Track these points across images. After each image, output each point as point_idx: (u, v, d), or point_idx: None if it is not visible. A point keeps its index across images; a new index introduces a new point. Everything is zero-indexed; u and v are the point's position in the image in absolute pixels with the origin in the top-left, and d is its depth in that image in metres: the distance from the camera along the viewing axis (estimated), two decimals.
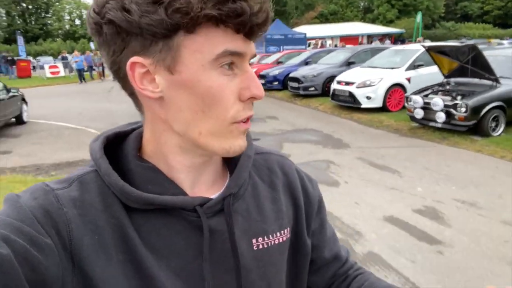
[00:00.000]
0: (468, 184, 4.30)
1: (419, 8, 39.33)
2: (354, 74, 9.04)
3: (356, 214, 3.70)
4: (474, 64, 6.37)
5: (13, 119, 8.78)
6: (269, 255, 0.59)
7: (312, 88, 10.66)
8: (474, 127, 6.03)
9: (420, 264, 2.86)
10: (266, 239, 0.59)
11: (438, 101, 6.21)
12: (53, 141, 7.14)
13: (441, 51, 6.72)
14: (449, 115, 6.15)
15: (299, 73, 11.16)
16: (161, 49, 0.46)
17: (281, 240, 0.61)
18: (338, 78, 9.20)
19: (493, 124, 6.11)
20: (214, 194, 0.57)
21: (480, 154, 5.44)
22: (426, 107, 6.49)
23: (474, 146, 5.73)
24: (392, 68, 8.65)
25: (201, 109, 0.48)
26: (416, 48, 8.75)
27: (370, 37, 35.26)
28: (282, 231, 0.61)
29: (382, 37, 34.80)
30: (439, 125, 6.35)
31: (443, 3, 43.62)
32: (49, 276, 0.43)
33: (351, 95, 8.59)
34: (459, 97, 6.14)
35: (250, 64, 0.51)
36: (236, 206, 0.57)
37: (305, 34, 23.36)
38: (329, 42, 29.94)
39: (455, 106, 6.05)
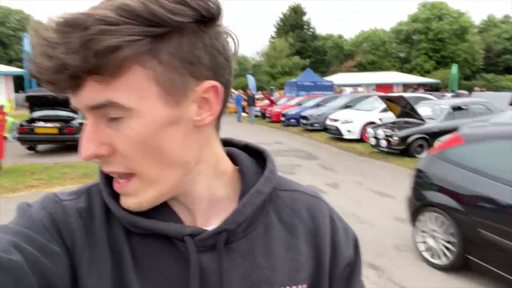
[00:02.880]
0: (377, 180, 7.37)
1: (457, 60, 41.71)
2: (342, 114, 12.33)
3: None
4: (410, 109, 9.45)
5: None
6: None
7: (317, 124, 13.98)
8: (405, 150, 8.99)
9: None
10: None
11: (380, 133, 9.32)
12: None
13: (388, 99, 9.89)
14: (388, 142, 9.20)
15: (308, 112, 14.62)
16: None
17: None
18: (330, 116, 12.53)
19: (419, 149, 9.04)
20: (212, 226, 0.52)
21: (396, 165, 8.43)
22: (376, 137, 9.58)
23: (398, 161, 8.72)
24: (370, 111, 11.83)
25: None
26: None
27: (405, 86, 38.05)
28: (295, 287, 0.53)
29: (418, 86, 37.46)
30: (384, 149, 9.38)
31: (481, 56, 45.56)
32: (57, 283, 0.45)
33: (337, 129, 11.84)
34: (396, 130, 9.20)
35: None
36: (236, 245, 0.52)
37: (332, 82, 27.02)
38: (360, 89, 33.11)
39: (391, 136, 9.11)
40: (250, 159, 0.60)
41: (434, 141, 7.30)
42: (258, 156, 0.62)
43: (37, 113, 10.35)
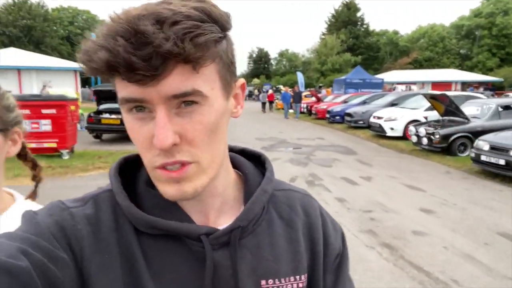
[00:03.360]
0: (411, 176, 7.62)
1: None
2: (386, 112, 12.43)
3: (335, 180, 7.42)
4: (455, 108, 9.44)
5: None
6: None
7: (361, 122, 14.14)
8: (447, 149, 9.03)
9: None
10: (277, 282, 0.56)
11: (422, 130, 9.42)
12: None
13: (433, 97, 9.92)
14: (430, 139, 9.28)
15: (352, 110, 14.82)
16: None
17: (295, 286, 0.57)
18: (374, 114, 12.68)
19: (462, 148, 9.03)
20: (223, 225, 0.56)
21: (435, 163, 8.54)
22: (417, 135, 9.69)
23: (438, 159, 8.80)
24: (415, 109, 11.84)
25: (137, 149, 0.51)
26: None
27: (464, 84, 36.20)
28: (298, 276, 0.58)
29: (478, 84, 35.49)
30: (425, 147, 9.47)
31: None
32: None
33: (380, 126, 11.99)
34: (438, 128, 9.25)
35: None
36: (245, 241, 0.56)
37: (383, 79, 26.59)
38: (414, 87, 32.10)
39: (433, 134, 9.18)
40: (249, 162, 0.64)
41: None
42: (255, 160, 0.66)
43: (103, 106, 11.68)
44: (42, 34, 43.05)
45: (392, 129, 11.70)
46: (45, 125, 8.04)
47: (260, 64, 60.18)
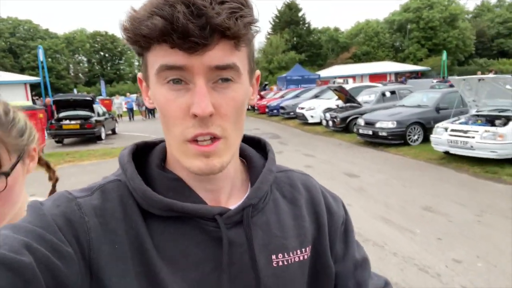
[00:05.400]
0: (312, 148, 10.32)
1: (448, 47, 44.02)
2: (307, 103, 15.33)
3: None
4: (350, 96, 12.36)
5: (110, 131, 16.05)
6: (289, 273, 0.60)
7: (292, 113, 16.91)
8: (346, 128, 11.89)
9: None
10: (286, 255, 0.60)
11: (328, 115, 12.29)
12: (133, 140, 14.15)
13: (336, 89, 12.82)
14: (334, 122, 12.12)
15: (285, 103, 17.62)
16: (142, 65, 0.55)
17: (301, 258, 0.62)
18: (299, 105, 15.51)
19: (356, 127, 11.95)
20: (233, 205, 0.59)
21: (336, 139, 11.39)
22: (326, 119, 12.51)
23: (339, 136, 11.66)
24: (330, 99, 14.75)
25: (164, 123, 0.53)
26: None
27: (397, 75, 40.55)
28: (303, 249, 0.63)
29: (409, 74, 39.92)
30: (331, 128, 12.31)
31: (473, 41, 47.71)
32: (69, 285, 0.46)
33: (303, 115, 14.84)
34: (339, 113, 12.11)
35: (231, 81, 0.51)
36: (255, 219, 0.59)
37: (319, 75, 29.93)
38: (350, 81, 35.77)
39: (335, 117, 12.03)
40: (249, 147, 0.68)
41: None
42: (254, 145, 0.70)
43: (62, 114, 13.53)
44: None
45: (312, 116, 14.54)
46: None
47: None
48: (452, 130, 7.44)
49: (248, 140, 0.70)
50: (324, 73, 38.92)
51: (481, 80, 7.46)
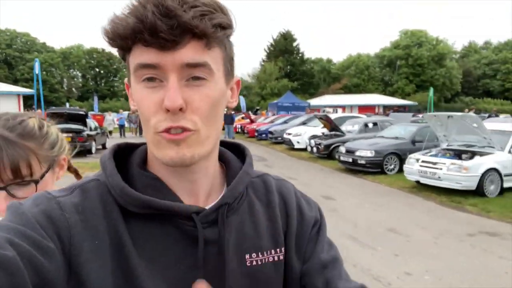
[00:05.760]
0: (295, 171, 10.84)
1: (436, 84, 45.71)
2: (294, 129, 16.00)
3: None
4: (335, 126, 13.02)
5: (101, 146, 16.40)
6: (264, 273, 0.62)
7: (280, 138, 17.52)
8: (329, 155, 12.48)
9: None
10: (260, 255, 0.62)
11: (312, 142, 12.90)
12: None
13: (321, 118, 13.50)
14: (318, 149, 12.72)
15: (273, 128, 18.27)
16: (127, 70, 0.57)
17: (276, 259, 0.64)
18: (286, 131, 16.16)
19: (338, 154, 12.56)
20: (209, 205, 0.61)
21: (317, 164, 11.94)
22: (311, 145, 13.11)
23: (321, 162, 12.22)
24: (316, 126, 15.42)
25: (142, 121, 0.56)
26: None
27: (386, 108, 41.88)
28: (278, 249, 0.65)
29: (397, 108, 41.27)
30: (315, 154, 12.89)
31: (459, 80, 49.68)
32: (51, 280, 0.47)
33: (290, 140, 15.46)
34: (323, 140, 12.72)
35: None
36: (230, 219, 0.62)
37: (309, 103, 30.93)
38: (339, 110, 36.86)
39: (320, 144, 12.63)
40: (228, 151, 0.71)
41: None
42: (234, 149, 0.73)
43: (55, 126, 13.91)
44: None
45: (298, 142, 15.16)
46: None
47: None
48: (423, 162, 8.04)
49: (228, 145, 0.73)
50: (315, 101, 40.02)
51: (450, 117, 8.14)
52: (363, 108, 39.72)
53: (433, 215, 6.50)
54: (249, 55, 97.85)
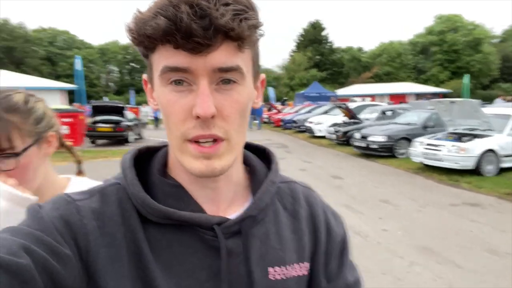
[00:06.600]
0: (311, 157, 11.82)
1: (471, 71, 44.57)
2: (316, 118, 16.86)
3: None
4: (354, 114, 13.82)
5: (138, 136, 18.00)
6: (286, 287, 0.60)
7: (303, 127, 18.45)
8: (346, 142, 13.31)
9: None
10: (283, 269, 0.60)
11: (331, 129, 13.77)
12: None
13: (340, 107, 14.33)
14: (337, 135, 13.59)
15: (297, 118, 19.22)
16: (147, 67, 0.56)
17: (300, 274, 0.62)
18: (308, 120, 17.06)
19: (353, 140, 13.36)
20: (232, 214, 0.59)
21: (336, 151, 12.84)
22: (330, 133, 14.00)
23: (340, 148, 13.10)
24: (337, 115, 16.24)
25: (167, 124, 0.54)
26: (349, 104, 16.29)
27: (418, 96, 41.45)
28: (301, 263, 0.63)
29: (431, 96, 40.77)
30: (334, 141, 13.77)
31: (497, 66, 48.04)
32: (66, 286, 0.47)
33: (311, 129, 16.38)
34: (341, 128, 13.57)
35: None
36: (254, 230, 0.60)
37: (335, 93, 31.48)
38: (368, 99, 36.96)
39: (338, 131, 13.49)
40: (254, 155, 0.68)
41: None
42: (259, 154, 0.70)
43: (98, 117, 15.57)
44: (23, 55, 46.35)
45: (319, 130, 16.05)
46: (64, 130, 11.91)
47: None
48: (427, 144, 8.82)
49: (252, 148, 0.70)
50: (344, 91, 40.29)
51: (453, 102, 8.83)
52: (394, 97, 39.53)
53: (427, 190, 7.35)
54: (279, 47, 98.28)
